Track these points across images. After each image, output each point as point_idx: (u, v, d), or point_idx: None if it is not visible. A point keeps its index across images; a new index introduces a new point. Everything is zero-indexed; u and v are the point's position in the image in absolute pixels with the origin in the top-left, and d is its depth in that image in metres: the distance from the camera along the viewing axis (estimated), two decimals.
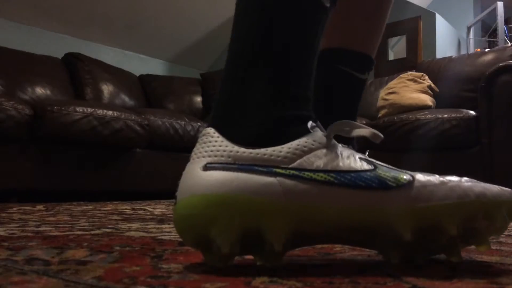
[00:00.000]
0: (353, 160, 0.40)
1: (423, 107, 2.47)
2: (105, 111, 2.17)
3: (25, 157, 1.95)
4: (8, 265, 0.39)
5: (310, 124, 0.42)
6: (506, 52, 2.50)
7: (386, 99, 2.63)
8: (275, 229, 0.37)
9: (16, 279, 0.34)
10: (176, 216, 0.38)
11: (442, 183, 0.40)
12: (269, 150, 0.39)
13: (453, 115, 2.21)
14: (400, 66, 3.35)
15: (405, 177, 0.40)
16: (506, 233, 0.73)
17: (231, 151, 0.39)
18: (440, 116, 2.22)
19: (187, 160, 0.41)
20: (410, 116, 2.30)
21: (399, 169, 0.41)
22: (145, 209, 1.34)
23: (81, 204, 1.60)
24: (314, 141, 0.40)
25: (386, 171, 0.40)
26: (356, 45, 0.68)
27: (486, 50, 2.71)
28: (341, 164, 0.40)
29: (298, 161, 0.39)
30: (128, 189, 2.27)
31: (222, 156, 0.39)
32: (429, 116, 2.25)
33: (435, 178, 0.40)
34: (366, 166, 0.40)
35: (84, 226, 0.79)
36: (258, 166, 0.38)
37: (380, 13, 0.71)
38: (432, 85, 2.60)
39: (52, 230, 0.71)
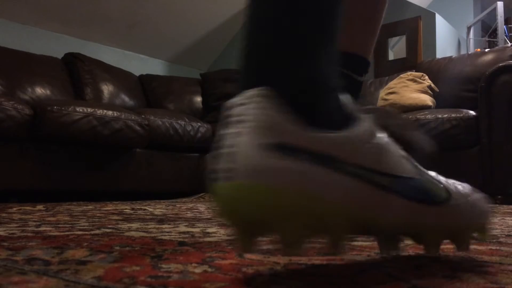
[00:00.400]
0: (401, 161, 0.38)
1: (423, 107, 2.47)
2: (105, 111, 2.17)
3: (25, 157, 1.95)
4: (8, 265, 0.39)
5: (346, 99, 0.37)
6: (506, 52, 2.50)
7: (386, 99, 2.63)
8: (334, 229, 0.34)
9: (16, 279, 0.33)
10: (221, 192, 0.32)
11: (467, 201, 0.42)
12: (333, 137, 0.34)
13: (453, 115, 2.21)
14: (400, 66, 3.34)
15: (443, 193, 0.40)
16: (506, 233, 0.73)
17: (295, 132, 0.33)
18: (440, 116, 2.22)
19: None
20: (410, 116, 2.30)
21: (433, 177, 0.41)
22: (145, 209, 1.34)
23: (81, 204, 1.60)
24: (367, 130, 0.36)
25: (428, 181, 0.40)
26: (355, 48, 0.70)
27: (486, 50, 2.71)
28: (393, 164, 0.37)
29: (358, 156, 0.34)
30: (128, 189, 2.27)
31: (285, 134, 0.32)
32: (429, 116, 2.25)
33: (462, 195, 0.42)
34: (413, 170, 0.38)
35: (84, 226, 0.79)
36: (324, 159, 0.33)
37: (378, 16, 0.73)
38: (432, 85, 2.60)
39: (52, 230, 0.71)
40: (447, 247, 0.54)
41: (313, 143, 0.33)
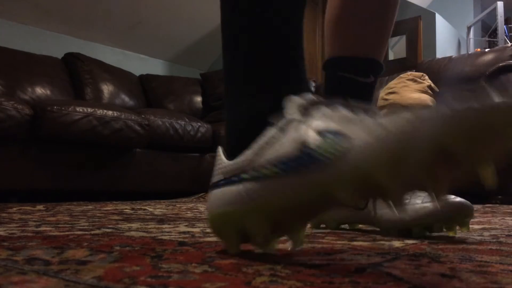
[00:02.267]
0: (295, 140, 0.41)
1: (423, 107, 2.47)
2: (105, 111, 2.17)
3: (25, 157, 1.95)
4: (8, 265, 0.39)
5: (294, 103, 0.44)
6: (506, 52, 2.50)
7: (386, 99, 2.63)
8: (255, 228, 0.42)
9: (16, 279, 0.34)
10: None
11: (378, 137, 0.37)
12: (239, 158, 0.44)
13: None
14: (400, 66, 3.35)
15: (338, 147, 0.38)
16: (506, 233, 0.73)
17: (222, 167, 0.46)
18: None
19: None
20: None
21: (342, 130, 0.39)
22: (145, 209, 1.34)
23: (81, 204, 1.60)
24: (270, 133, 0.43)
25: (323, 143, 0.39)
26: (357, 50, 0.70)
27: (486, 50, 2.72)
28: (283, 151, 0.41)
29: (257, 160, 0.43)
30: (128, 189, 2.27)
31: (218, 173, 0.47)
32: None
33: (374, 131, 0.37)
34: (307, 143, 0.40)
35: (84, 226, 0.79)
36: (234, 176, 0.44)
37: (384, 15, 0.72)
38: (432, 85, 2.60)
39: (52, 230, 0.71)
40: (447, 247, 0.54)
41: (227, 172, 0.45)
